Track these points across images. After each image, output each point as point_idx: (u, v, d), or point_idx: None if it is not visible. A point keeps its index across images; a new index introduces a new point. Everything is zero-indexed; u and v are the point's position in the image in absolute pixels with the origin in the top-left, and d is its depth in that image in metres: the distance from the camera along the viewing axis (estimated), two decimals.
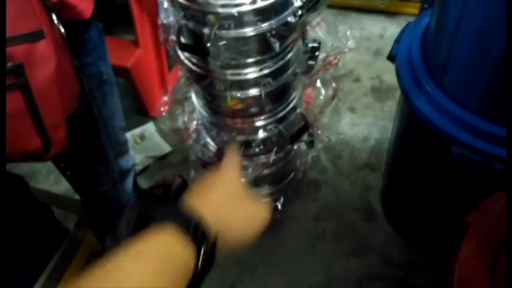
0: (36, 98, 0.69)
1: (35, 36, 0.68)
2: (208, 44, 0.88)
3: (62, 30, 0.76)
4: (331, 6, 2.11)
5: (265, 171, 1.24)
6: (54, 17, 0.74)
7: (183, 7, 0.90)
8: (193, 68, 1.02)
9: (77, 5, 0.80)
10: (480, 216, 0.75)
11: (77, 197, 1.20)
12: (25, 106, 0.68)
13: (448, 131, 0.91)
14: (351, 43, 1.07)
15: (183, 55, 1.03)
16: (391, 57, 1.10)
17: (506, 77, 0.76)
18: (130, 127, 1.74)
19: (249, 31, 0.89)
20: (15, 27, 0.65)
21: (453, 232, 0.77)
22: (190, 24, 0.91)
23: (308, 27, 1.05)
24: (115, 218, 1.18)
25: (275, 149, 1.16)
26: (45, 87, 0.70)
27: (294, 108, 1.15)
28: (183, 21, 0.92)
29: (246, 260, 1.43)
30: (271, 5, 0.87)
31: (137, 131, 1.77)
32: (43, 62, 0.69)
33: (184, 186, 1.80)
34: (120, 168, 1.12)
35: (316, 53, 1.08)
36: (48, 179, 1.66)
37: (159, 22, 0.97)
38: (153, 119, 1.81)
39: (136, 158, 1.65)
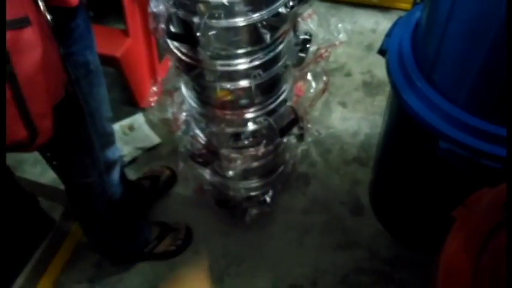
0: (22, 86, 0.68)
1: (21, 23, 0.66)
2: (198, 34, 0.87)
3: (49, 17, 0.75)
4: (324, 0, 2.10)
5: (254, 164, 1.24)
6: (40, 3, 0.72)
7: None
8: (183, 57, 1.00)
9: None
10: (466, 211, 0.76)
11: (63, 187, 1.18)
12: (10, 94, 0.67)
13: (437, 126, 0.92)
14: (342, 36, 1.07)
15: (172, 44, 1.02)
16: (381, 52, 1.10)
17: (507, 74, 0.76)
18: (119, 118, 1.73)
19: (239, 21, 0.88)
20: None
21: (440, 227, 0.77)
22: (180, 13, 0.90)
23: (299, 19, 1.04)
24: (100, 210, 1.17)
25: (264, 141, 1.15)
26: (31, 75, 0.69)
27: (284, 101, 1.15)
28: (172, 10, 0.91)
29: (233, 252, 1.43)
30: None
31: (126, 121, 1.75)
32: (29, 50, 0.68)
33: (173, 178, 1.81)
34: (107, 159, 1.11)
35: (307, 45, 1.08)
36: (35, 169, 1.64)
37: (149, 10, 0.96)
38: (142, 109, 1.79)
39: (124, 149, 1.64)
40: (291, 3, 0.90)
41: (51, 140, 0.79)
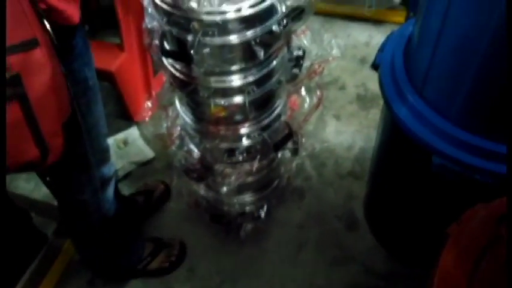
0: (33, 107, 0.68)
1: (30, 45, 0.66)
2: (192, 51, 0.87)
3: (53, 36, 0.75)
4: (317, 14, 2.12)
5: (249, 179, 1.24)
6: (46, 23, 0.73)
7: (166, 13, 0.89)
8: (177, 74, 1.01)
9: (66, 10, 0.79)
10: (460, 227, 0.76)
11: (56, 203, 1.18)
12: (22, 116, 0.67)
13: (429, 141, 0.92)
14: (335, 52, 1.08)
15: (166, 61, 1.02)
16: (374, 66, 1.11)
17: (507, 83, 0.77)
18: (113, 132, 1.72)
19: (233, 39, 0.89)
20: (11, 37, 0.63)
21: (434, 242, 0.77)
22: (174, 31, 0.90)
23: (293, 35, 1.05)
24: (94, 226, 1.16)
25: (259, 156, 1.15)
26: (42, 96, 0.69)
27: (278, 116, 1.15)
28: (166, 27, 0.91)
29: (228, 269, 1.42)
30: (256, 14, 0.87)
31: (120, 136, 1.74)
32: (39, 70, 0.68)
33: (167, 192, 1.80)
34: (102, 175, 1.10)
35: (301, 62, 1.08)
36: (28, 185, 1.62)
37: (143, 26, 0.97)
38: (137, 123, 1.79)
39: (118, 163, 1.63)
40: (284, 21, 0.91)
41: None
